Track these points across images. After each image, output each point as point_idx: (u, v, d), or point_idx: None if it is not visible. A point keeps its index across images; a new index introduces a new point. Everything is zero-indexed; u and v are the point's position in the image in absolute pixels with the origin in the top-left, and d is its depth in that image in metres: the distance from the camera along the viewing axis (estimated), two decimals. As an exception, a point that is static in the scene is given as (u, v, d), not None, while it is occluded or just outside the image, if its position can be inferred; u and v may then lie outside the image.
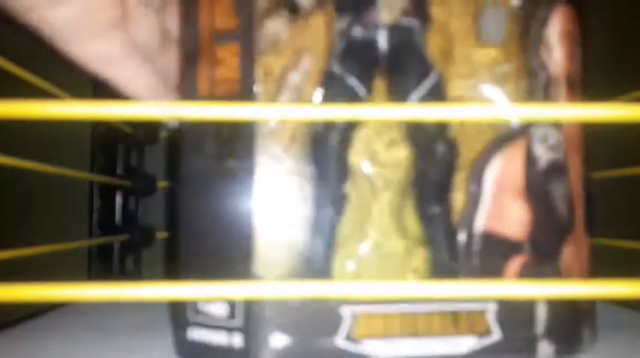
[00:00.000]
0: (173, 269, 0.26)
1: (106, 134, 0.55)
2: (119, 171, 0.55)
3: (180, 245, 0.25)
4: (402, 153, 0.25)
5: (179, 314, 0.25)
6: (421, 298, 0.23)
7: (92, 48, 0.24)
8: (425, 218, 0.25)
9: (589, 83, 0.28)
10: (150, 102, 0.17)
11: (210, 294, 0.16)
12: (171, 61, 0.27)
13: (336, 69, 0.24)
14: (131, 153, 0.57)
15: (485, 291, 0.16)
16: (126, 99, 0.26)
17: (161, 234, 0.56)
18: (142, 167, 0.58)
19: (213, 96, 0.24)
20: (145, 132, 0.56)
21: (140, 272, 0.57)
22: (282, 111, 0.17)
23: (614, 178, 0.42)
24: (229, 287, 0.16)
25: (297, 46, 0.24)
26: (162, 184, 0.57)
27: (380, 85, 0.25)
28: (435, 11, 0.25)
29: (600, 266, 0.28)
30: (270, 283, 0.21)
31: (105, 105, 0.16)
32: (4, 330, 0.31)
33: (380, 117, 0.17)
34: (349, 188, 0.25)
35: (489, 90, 0.25)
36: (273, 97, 0.24)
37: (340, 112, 0.17)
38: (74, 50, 0.24)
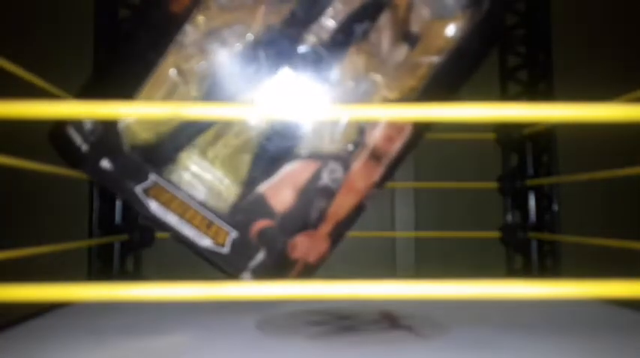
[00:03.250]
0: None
1: (106, 134, 0.55)
2: (119, 171, 0.55)
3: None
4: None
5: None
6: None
7: None
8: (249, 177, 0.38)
9: (589, 83, 0.28)
10: (150, 102, 0.17)
11: (208, 294, 0.16)
12: None
13: None
14: (131, 153, 0.57)
15: (482, 290, 0.16)
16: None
17: (161, 234, 0.56)
18: (141, 167, 0.57)
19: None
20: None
21: (140, 272, 0.57)
22: (276, 111, 0.17)
23: (614, 179, 0.42)
24: (225, 288, 0.16)
25: None
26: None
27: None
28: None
29: (600, 266, 0.28)
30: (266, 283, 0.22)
31: (105, 106, 0.16)
32: (4, 330, 0.31)
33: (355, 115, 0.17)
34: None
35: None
36: None
37: (320, 112, 0.17)
38: None
